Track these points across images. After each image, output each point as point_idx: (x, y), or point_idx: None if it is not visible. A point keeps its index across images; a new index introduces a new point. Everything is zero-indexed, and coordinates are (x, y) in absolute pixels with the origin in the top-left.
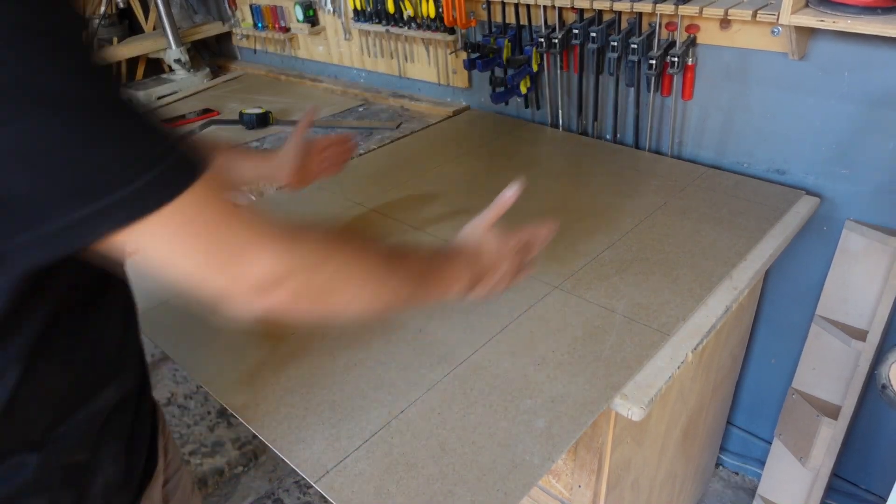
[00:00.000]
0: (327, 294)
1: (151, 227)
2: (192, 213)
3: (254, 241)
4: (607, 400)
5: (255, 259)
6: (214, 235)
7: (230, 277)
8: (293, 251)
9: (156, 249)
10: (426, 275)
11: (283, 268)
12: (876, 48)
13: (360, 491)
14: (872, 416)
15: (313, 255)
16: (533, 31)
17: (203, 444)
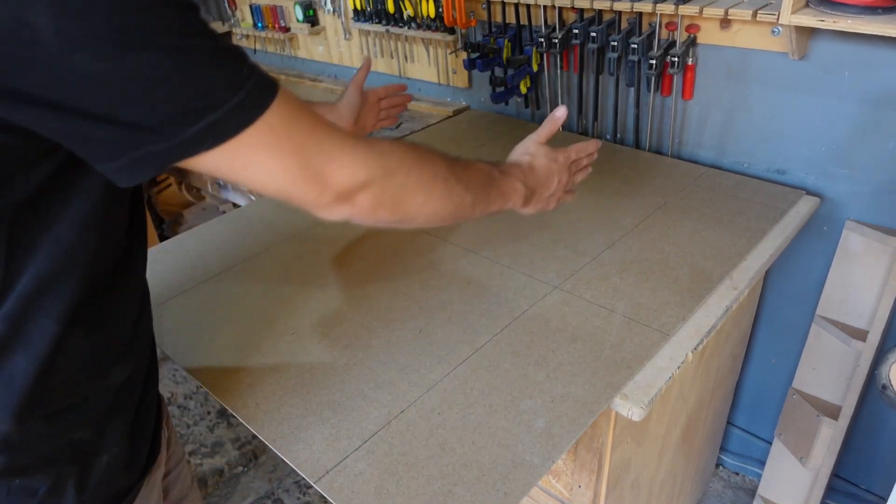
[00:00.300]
0: (403, 198)
1: (249, 139)
2: (280, 124)
3: (338, 150)
4: (607, 400)
5: (341, 167)
6: (302, 144)
7: (320, 185)
8: (372, 159)
9: (253, 162)
10: (487, 183)
11: (364, 174)
12: (876, 48)
13: (360, 491)
14: (872, 416)
15: (389, 161)
16: (533, 31)
17: (203, 444)
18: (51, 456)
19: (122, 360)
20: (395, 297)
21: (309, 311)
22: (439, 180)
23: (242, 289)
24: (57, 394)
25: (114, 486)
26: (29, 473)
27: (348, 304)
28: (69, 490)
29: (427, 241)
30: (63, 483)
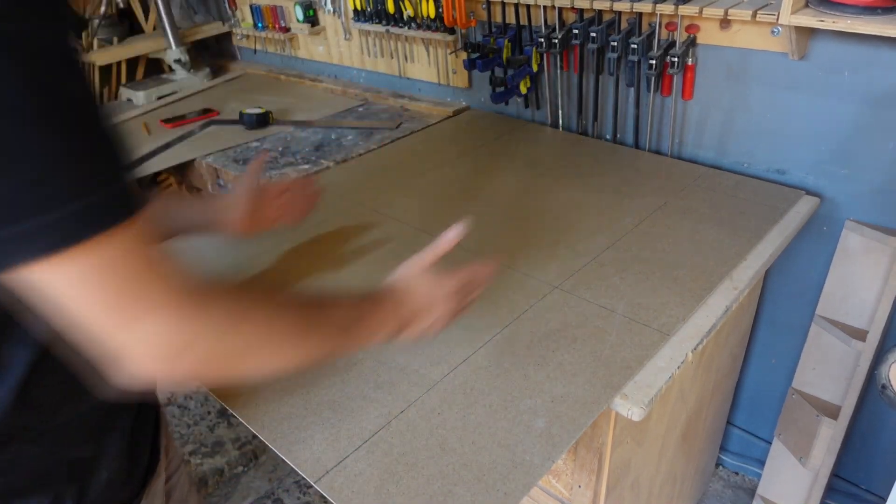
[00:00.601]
0: (241, 357)
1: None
2: (107, 259)
3: (163, 301)
4: (607, 400)
5: (161, 320)
6: (124, 287)
7: (131, 336)
8: (203, 314)
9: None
10: (350, 325)
11: (189, 333)
12: (876, 48)
13: (360, 491)
14: (872, 416)
15: (226, 317)
16: (533, 31)
17: (203, 444)
18: (47, 475)
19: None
20: None
21: None
22: (289, 335)
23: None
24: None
25: (114, 500)
26: (25, 495)
27: None
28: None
29: (427, 241)
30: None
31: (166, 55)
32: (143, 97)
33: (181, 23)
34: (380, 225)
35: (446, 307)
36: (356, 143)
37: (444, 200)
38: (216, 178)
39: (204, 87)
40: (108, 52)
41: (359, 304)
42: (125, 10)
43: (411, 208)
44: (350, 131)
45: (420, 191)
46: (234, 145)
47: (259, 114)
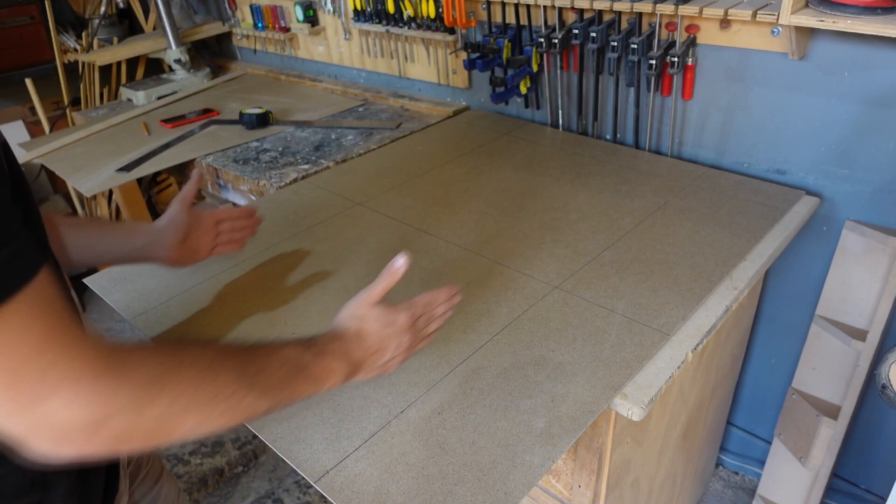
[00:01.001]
0: (163, 429)
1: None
2: None
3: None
4: (607, 400)
5: (65, 402)
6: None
7: (30, 421)
8: (116, 390)
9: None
10: (292, 377)
11: (103, 408)
12: (876, 48)
13: (360, 491)
14: (872, 416)
15: (143, 389)
16: (533, 31)
17: (203, 444)
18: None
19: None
20: (395, 297)
21: (310, 310)
22: (221, 398)
23: (242, 288)
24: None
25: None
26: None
27: None
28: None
29: (427, 241)
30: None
31: (166, 55)
32: (143, 97)
33: (181, 23)
34: (380, 225)
35: (401, 343)
36: (356, 143)
37: (444, 200)
38: (216, 178)
39: (204, 87)
40: (108, 52)
41: (302, 353)
42: (125, 10)
43: (411, 208)
44: (350, 131)
45: (420, 191)
46: (234, 145)
47: (259, 114)
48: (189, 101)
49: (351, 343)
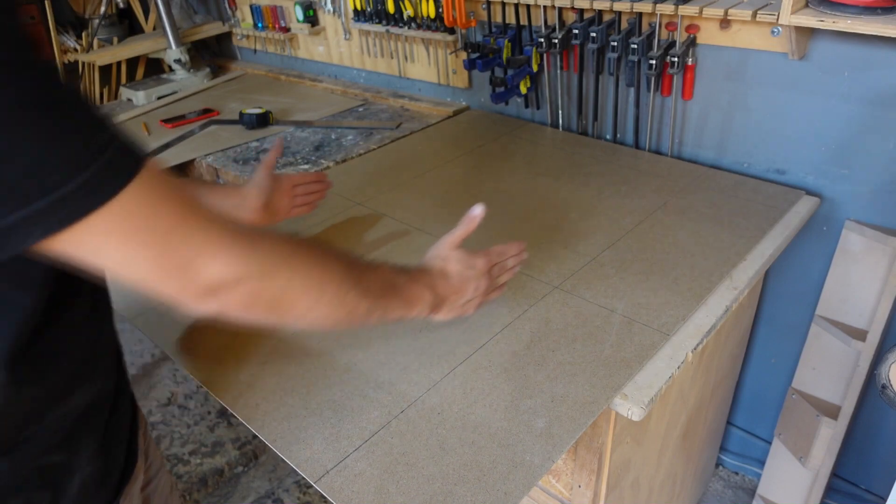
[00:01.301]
0: (282, 301)
1: (97, 226)
2: (140, 210)
3: (209, 243)
4: (607, 400)
5: (211, 261)
6: (167, 234)
7: (181, 281)
8: (248, 256)
9: (103, 249)
10: (388, 290)
11: (237, 271)
12: (876, 48)
13: (360, 491)
14: (872, 416)
15: (269, 260)
16: (533, 31)
17: (203, 444)
18: (19, 484)
19: (84, 384)
20: None
21: None
22: (331, 286)
23: None
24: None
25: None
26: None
27: None
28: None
29: (427, 241)
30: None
31: (166, 55)
32: (143, 97)
33: (181, 23)
34: (379, 225)
35: (479, 286)
36: (356, 143)
37: (444, 200)
38: (216, 178)
39: (204, 87)
40: (108, 52)
41: (396, 275)
42: (125, 10)
43: (411, 208)
44: (350, 131)
45: (420, 191)
46: (234, 145)
47: (259, 114)
48: (189, 101)
49: (436, 278)
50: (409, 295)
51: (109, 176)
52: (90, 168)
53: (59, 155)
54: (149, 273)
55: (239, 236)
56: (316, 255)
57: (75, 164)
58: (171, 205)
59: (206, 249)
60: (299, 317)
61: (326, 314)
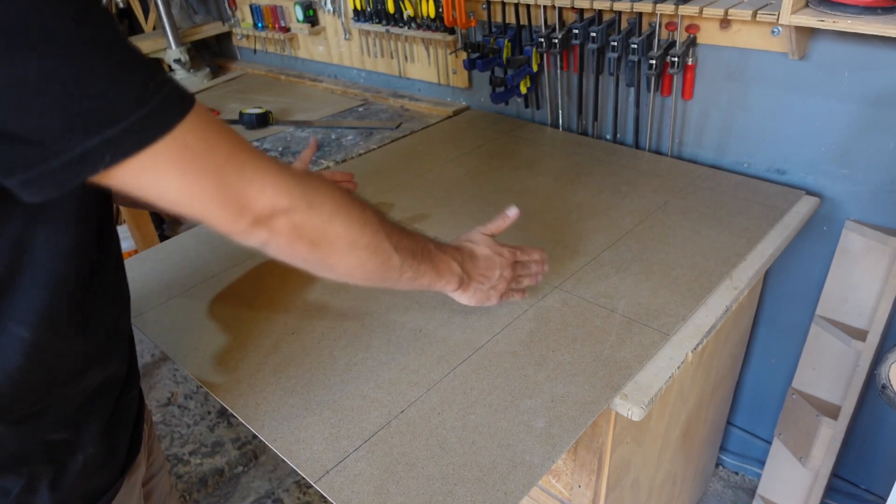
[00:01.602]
0: (325, 235)
1: (158, 156)
2: (197, 142)
3: (260, 174)
4: (607, 400)
5: (262, 190)
6: (221, 165)
7: (237, 208)
8: (296, 188)
9: (162, 180)
10: (419, 252)
11: (286, 201)
12: (876, 48)
13: (360, 491)
14: (872, 416)
15: (315, 194)
16: (533, 31)
17: (203, 444)
18: (23, 456)
19: (99, 363)
20: (395, 296)
21: (309, 311)
22: (369, 229)
23: (242, 289)
24: (27, 401)
25: (90, 485)
26: (1, 474)
27: (348, 305)
28: (42, 489)
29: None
30: (37, 483)
31: (166, 55)
32: None
33: (181, 23)
34: None
35: (503, 275)
36: (356, 143)
37: (444, 201)
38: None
39: (204, 87)
40: None
41: (427, 242)
42: (125, 10)
43: (411, 208)
44: (350, 131)
45: (420, 191)
46: None
47: (259, 114)
48: None
49: (466, 256)
50: (439, 262)
51: (168, 109)
52: (152, 101)
53: (126, 87)
54: (206, 201)
55: (286, 170)
56: (354, 201)
57: (139, 96)
58: (224, 138)
59: (258, 179)
60: (338, 259)
61: (363, 260)
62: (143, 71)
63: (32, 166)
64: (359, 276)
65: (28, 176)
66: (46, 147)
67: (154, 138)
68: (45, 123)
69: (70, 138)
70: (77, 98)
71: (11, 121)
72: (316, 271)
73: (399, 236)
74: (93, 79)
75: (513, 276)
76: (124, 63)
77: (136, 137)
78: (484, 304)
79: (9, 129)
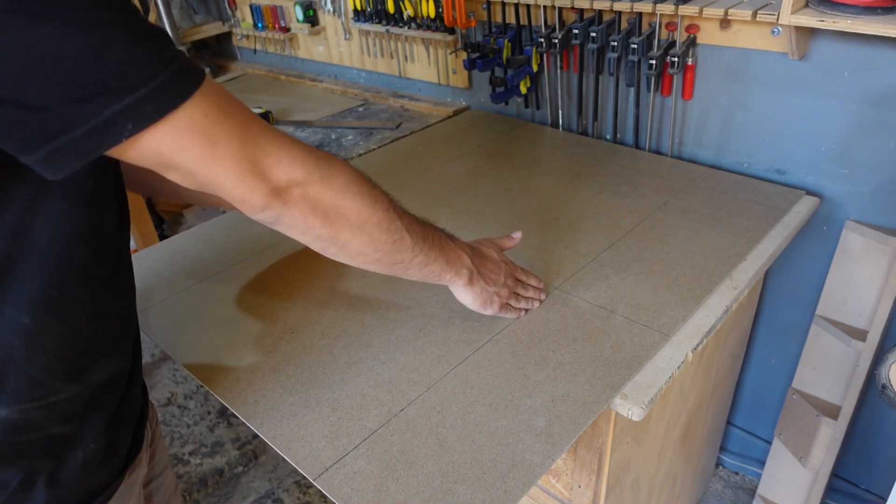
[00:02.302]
0: (338, 209)
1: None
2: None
3: (275, 145)
4: (607, 400)
5: (278, 161)
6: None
7: (254, 177)
8: (309, 159)
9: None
10: (430, 237)
11: (301, 173)
12: (876, 48)
13: (360, 489)
14: (872, 416)
15: (328, 165)
16: (533, 31)
17: (203, 444)
18: (23, 450)
19: (105, 356)
20: (396, 296)
21: (309, 309)
22: (380, 205)
23: (242, 287)
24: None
25: (89, 483)
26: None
27: (348, 303)
28: (40, 484)
29: None
30: (35, 477)
31: None
32: None
33: (181, 23)
34: None
35: (506, 283)
36: (356, 143)
37: (444, 200)
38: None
39: None
40: None
41: (439, 231)
42: None
43: (411, 209)
44: (350, 131)
45: (420, 191)
46: None
47: (259, 114)
48: None
49: (475, 252)
50: (449, 252)
51: (185, 77)
52: (168, 70)
53: (143, 56)
54: (224, 170)
55: (298, 143)
56: (366, 179)
57: (156, 65)
58: (239, 109)
59: (272, 150)
60: (350, 235)
61: (375, 237)
62: (158, 39)
63: (55, 137)
64: (370, 256)
65: (52, 147)
66: (67, 118)
67: (174, 106)
68: (66, 92)
69: (92, 106)
70: (96, 67)
71: (32, 89)
72: (327, 251)
73: (410, 219)
74: (111, 47)
75: (512, 290)
76: (140, 32)
77: (156, 104)
78: (486, 308)
79: (31, 98)
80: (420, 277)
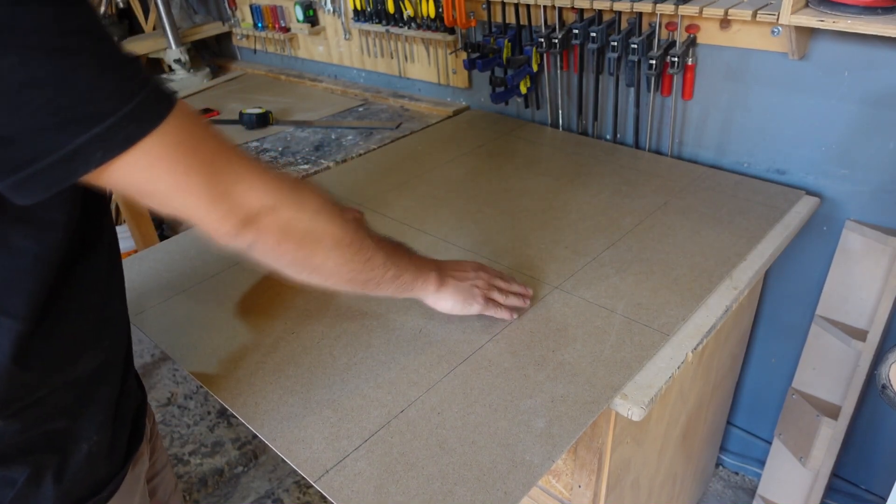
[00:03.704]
0: (311, 235)
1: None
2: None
3: (246, 171)
4: (607, 400)
5: (250, 187)
6: (211, 161)
7: (225, 206)
8: (281, 185)
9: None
10: (398, 251)
11: (273, 198)
12: (876, 48)
13: (360, 490)
14: (872, 416)
15: (299, 191)
16: (533, 31)
17: (203, 444)
18: (27, 447)
19: (91, 348)
20: None
21: (309, 310)
22: (350, 227)
23: (242, 288)
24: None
25: (95, 475)
26: (6, 464)
27: (348, 304)
28: (47, 479)
29: (427, 240)
30: (42, 472)
31: (166, 55)
32: None
33: (181, 23)
34: (379, 225)
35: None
36: (356, 143)
37: (444, 200)
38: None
39: (204, 87)
40: None
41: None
42: (125, 10)
43: (411, 208)
44: (350, 131)
45: (420, 191)
46: None
47: (259, 114)
48: (189, 101)
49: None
50: (416, 259)
51: (155, 104)
52: (137, 97)
53: (112, 83)
54: (196, 198)
55: (269, 169)
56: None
57: (126, 92)
58: (211, 135)
59: (245, 177)
60: (324, 258)
61: (348, 258)
62: (126, 65)
63: (22, 167)
64: (344, 276)
65: (18, 177)
66: (35, 147)
67: (144, 133)
68: (33, 123)
69: (59, 137)
70: (64, 96)
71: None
72: (300, 274)
73: (377, 237)
74: (78, 76)
75: (488, 282)
76: (109, 59)
77: (126, 132)
78: (469, 303)
79: None
80: (392, 291)
